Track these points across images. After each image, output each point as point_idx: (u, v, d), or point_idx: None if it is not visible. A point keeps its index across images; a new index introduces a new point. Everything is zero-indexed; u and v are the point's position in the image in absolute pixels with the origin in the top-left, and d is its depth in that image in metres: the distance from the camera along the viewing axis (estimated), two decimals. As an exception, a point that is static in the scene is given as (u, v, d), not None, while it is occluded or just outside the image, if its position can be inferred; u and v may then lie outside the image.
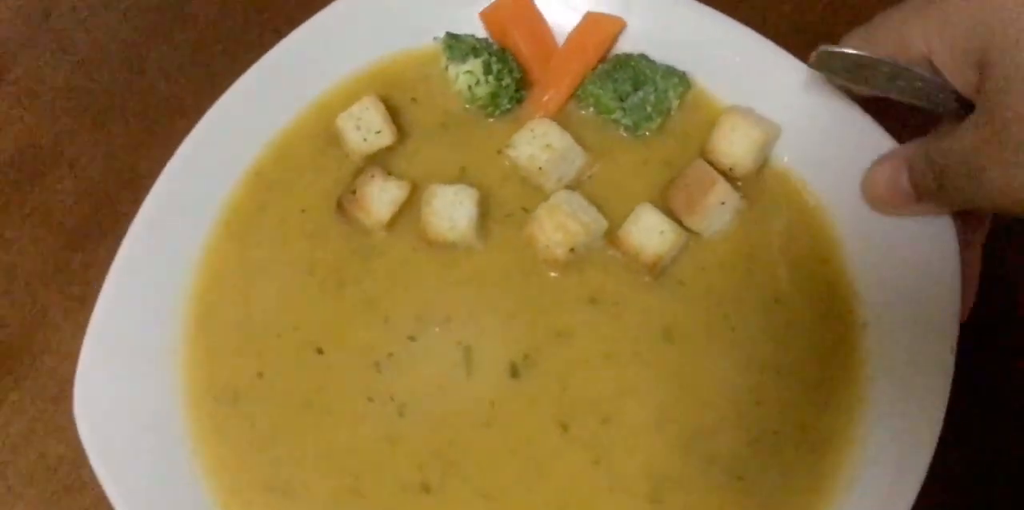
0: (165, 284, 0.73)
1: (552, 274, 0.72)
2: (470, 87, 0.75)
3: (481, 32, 0.78)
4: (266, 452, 0.70)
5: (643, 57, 0.75)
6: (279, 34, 0.76)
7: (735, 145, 0.71)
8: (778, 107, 0.73)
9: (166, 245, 0.73)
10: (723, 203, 0.70)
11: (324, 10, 0.77)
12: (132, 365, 0.70)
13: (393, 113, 0.75)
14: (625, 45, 0.77)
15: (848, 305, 0.70)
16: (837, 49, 0.64)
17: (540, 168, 0.72)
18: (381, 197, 0.72)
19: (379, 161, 0.75)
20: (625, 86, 0.73)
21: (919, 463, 0.64)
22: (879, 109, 0.71)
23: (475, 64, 0.74)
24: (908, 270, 0.69)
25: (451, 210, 0.71)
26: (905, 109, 0.66)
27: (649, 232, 0.70)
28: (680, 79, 0.74)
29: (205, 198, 0.75)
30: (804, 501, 0.68)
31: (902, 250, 0.69)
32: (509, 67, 0.75)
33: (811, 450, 0.68)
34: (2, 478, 0.75)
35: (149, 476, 0.68)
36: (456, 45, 0.75)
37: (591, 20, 0.76)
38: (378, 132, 0.73)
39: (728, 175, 0.72)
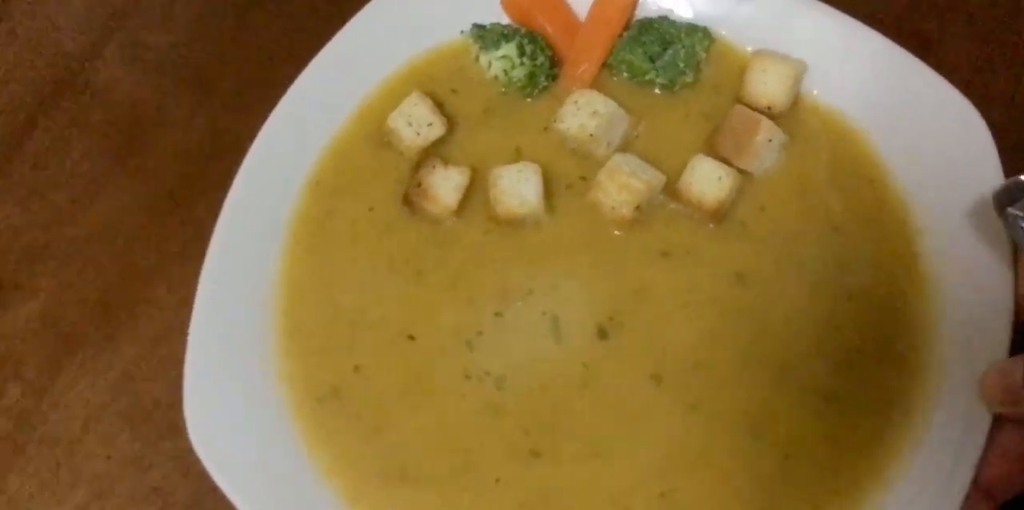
0: (251, 305, 0.75)
1: (619, 233, 0.75)
2: (506, 71, 0.78)
3: (503, 20, 0.81)
4: (376, 442, 0.72)
5: (664, 18, 0.78)
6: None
7: (769, 85, 0.75)
8: (798, 45, 0.77)
9: (244, 269, 0.75)
10: (770, 140, 0.74)
11: (351, 21, 0.80)
12: (234, 385, 0.72)
13: (437, 106, 0.78)
14: (643, 12, 0.80)
15: (901, 217, 0.74)
16: None
17: (591, 135, 0.75)
18: (446, 185, 0.75)
19: (434, 153, 0.78)
20: (654, 47, 0.77)
21: (998, 350, 0.68)
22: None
23: (509, 48, 0.77)
24: (951, 171, 0.72)
25: (518, 187, 0.74)
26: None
27: (708, 180, 0.73)
28: (703, 33, 0.78)
29: (273, 214, 0.77)
30: (896, 414, 0.70)
31: (942, 152, 0.73)
32: (540, 46, 0.78)
33: (894, 362, 0.71)
34: (101, 420, 0.78)
35: (274, 486, 0.70)
36: (485, 34, 0.79)
37: (607, -8, 0.80)
38: (430, 124, 0.77)
39: (767, 114, 0.75)
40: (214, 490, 0.72)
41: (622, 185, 0.74)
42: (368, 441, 0.72)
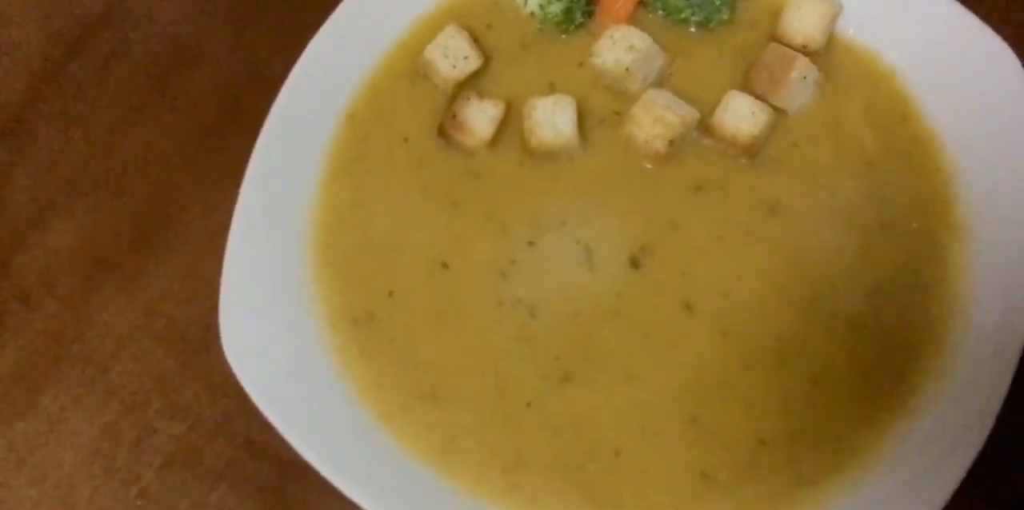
0: (286, 229, 0.76)
1: (652, 167, 0.76)
2: (542, 7, 0.79)
3: (541, -45, 0.82)
4: (409, 364, 0.73)
5: (701, -44, 0.80)
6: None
7: (805, 22, 0.76)
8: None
9: (280, 194, 0.76)
10: (805, 77, 0.75)
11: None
12: (270, 306, 0.73)
13: (473, 41, 0.79)
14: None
15: (935, 154, 0.75)
16: None
17: (627, 69, 0.76)
18: (480, 117, 0.76)
19: (469, 87, 0.78)
20: (691, -16, 0.78)
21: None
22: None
23: (547, -17, 0.78)
24: (985, 112, 0.74)
25: (553, 118, 0.75)
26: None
27: (741, 115, 0.74)
28: (740, -28, 0.79)
29: (309, 142, 0.78)
30: (925, 343, 0.71)
31: (977, 93, 0.74)
32: (577, -18, 0.79)
33: (923, 292, 0.72)
34: (134, 339, 0.80)
35: (307, 403, 0.71)
36: (523, -31, 0.80)
37: (643, -71, 0.81)
38: (466, 57, 0.78)
39: (802, 53, 0.76)
40: (243, 410, 0.74)
41: (656, 119, 0.74)
42: (401, 363, 0.73)
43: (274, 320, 0.73)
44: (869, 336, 0.71)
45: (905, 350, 0.71)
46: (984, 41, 0.74)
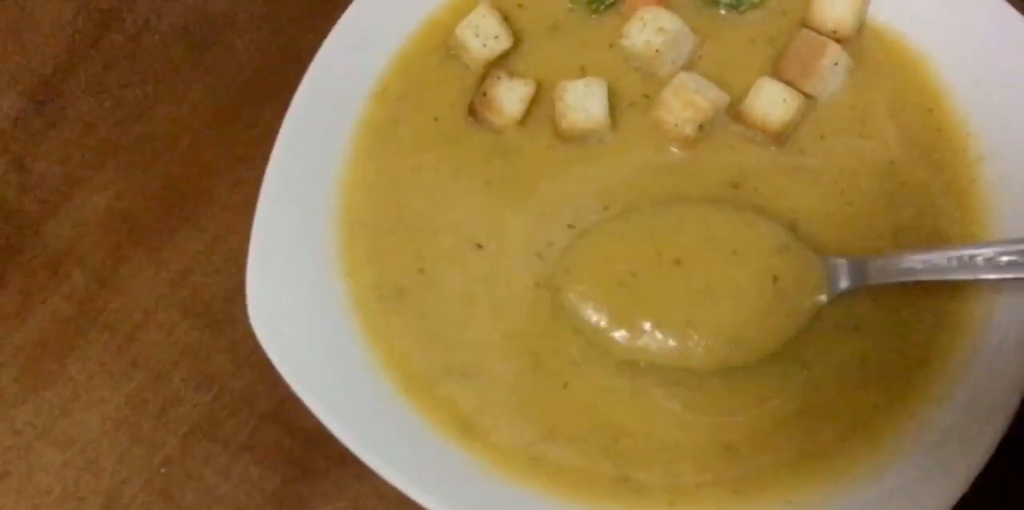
0: (315, 203, 0.76)
1: (675, 150, 0.76)
2: (573, -14, 0.79)
3: (574, -66, 0.82)
4: (438, 340, 0.74)
5: (734, -60, 0.80)
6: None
7: (836, 8, 0.76)
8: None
9: (308, 168, 0.76)
10: (836, 64, 0.75)
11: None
12: (297, 279, 0.74)
13: (504, 20, 0.79)
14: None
15: (960, 144, 0.75)
16: None
17: (657, 51, 0.76)
18: (510, 96, 0.77)
19: (500, 66, 0.78)
20: (721, -33, 0.78)
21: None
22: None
23: (578, -37, 0.78)
24: (1017, 99, 0.73)
25: (584, 102, 0.75)
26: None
27: (772, 102, 0.74)
28: (772, -44, 0.79)
29: (338, 118, 0.78)
30: (944, 336, 0.71)
31: (1009, 81, 0.74)
32: (609, -38, 0.79)
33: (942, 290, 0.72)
34: (160, 310, 0.81)
35: (333, 375, 0.71)
36: (554, -51, 0.80)
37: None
38: (496, 37, 0.78)
39: (832, 39, 0.76)
40: (266, 380, 0.76)
41: (687, 102, 0.75)
42: (430, 339, 0.74)
43: (301, 293, 0.74)
44: (875, 337, 0.72)
45: (922, 347, 0.71)
46: (1018, 31, 0.73)
